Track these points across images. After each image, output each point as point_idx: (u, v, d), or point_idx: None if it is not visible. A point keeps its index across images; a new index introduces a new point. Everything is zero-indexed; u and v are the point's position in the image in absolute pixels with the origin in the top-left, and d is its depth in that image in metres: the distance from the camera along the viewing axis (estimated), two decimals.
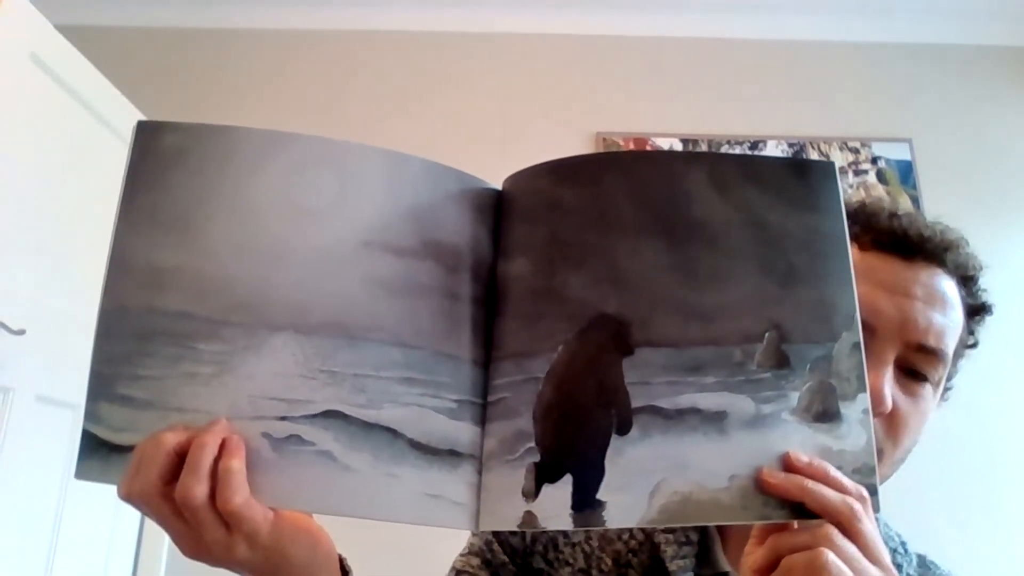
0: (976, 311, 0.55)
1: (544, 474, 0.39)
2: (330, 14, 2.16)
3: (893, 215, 0.55)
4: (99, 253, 0.45)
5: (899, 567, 0.55)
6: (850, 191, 2.04)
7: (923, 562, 0.59)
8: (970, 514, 1.77)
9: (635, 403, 0.39)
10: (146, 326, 0.42)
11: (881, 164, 2.07)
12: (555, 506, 0.38)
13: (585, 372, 0.40)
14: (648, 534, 0.57)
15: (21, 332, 1.31)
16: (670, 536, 0.55)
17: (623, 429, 0.39)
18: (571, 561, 0.58)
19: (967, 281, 0.55)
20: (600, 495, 0.38)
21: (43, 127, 1.43)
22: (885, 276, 0.52)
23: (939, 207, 2.02)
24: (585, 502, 0.38)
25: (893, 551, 0.56)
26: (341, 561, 0.49)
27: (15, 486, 1.35)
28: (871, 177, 2.06)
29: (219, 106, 2.09)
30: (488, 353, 0.43)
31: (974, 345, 0.56)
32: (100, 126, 1.60)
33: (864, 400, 0.40)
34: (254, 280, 0.43)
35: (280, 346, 0.42)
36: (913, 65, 2.18)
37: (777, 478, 0.38)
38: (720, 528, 0.57)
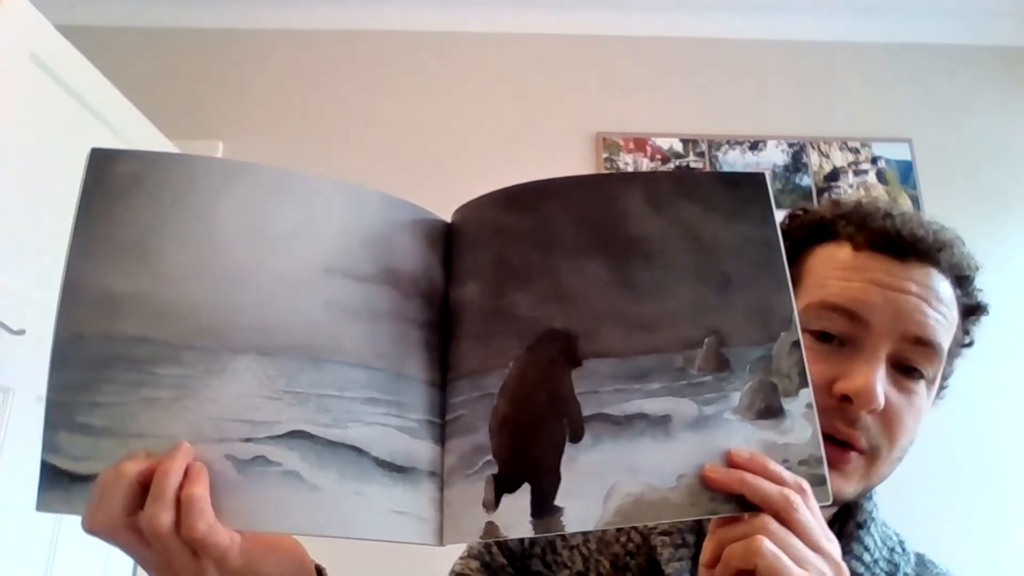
0: (971, 311, 0.56)
1: (503, 485, 0.41)
2: (330, 14, 2.16)
3: (887, 215, 0.56)
4: None
5: (897, 566, 0.55)
6: (850, 191, 2.04)
7: (921, 560, 0.59)
8: (970, 515, 1.77)
9: (586, 412, 0.41)
10: (103, 353, 0.42)
11: (881, 164, 2.07)
12: (515, 515, 0.40)
13: (537, 385, 0.42)
14: (645, 536, 0.57)
15: (21, 332, 1.31)
16: (666, 538, 0.55)
17: (576, 437, 0.41)
18: (569, 564, 0.58)
19: (962, 281, 0.55)
20: (558, 501, 0.40)
21: (43, 127, 1.43)
22: (879, 274, 0.53)
23: (939, 207, 2.02)
24: (543, 509, 0.40)
25: (891, 550, 0.56)
26: (319, 570, 0.49)
27: (15, 486, 1.35)
28: (871, 177, 2.06)
29: (219, 106, 2.09)
30: (444, 374, 0.45)
31: (969, 344, 0.57)
32: (100, 126, 1.60)
33: (807, 395, 0.42)
34: (215, 304, 0.43)
35: (243, 368, 0.42)
36: (913, 65, 2.18)
37: (719, 473, 0.40)
38: None
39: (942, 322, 0.52)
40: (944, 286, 0.54)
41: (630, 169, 2.04)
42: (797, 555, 0.38)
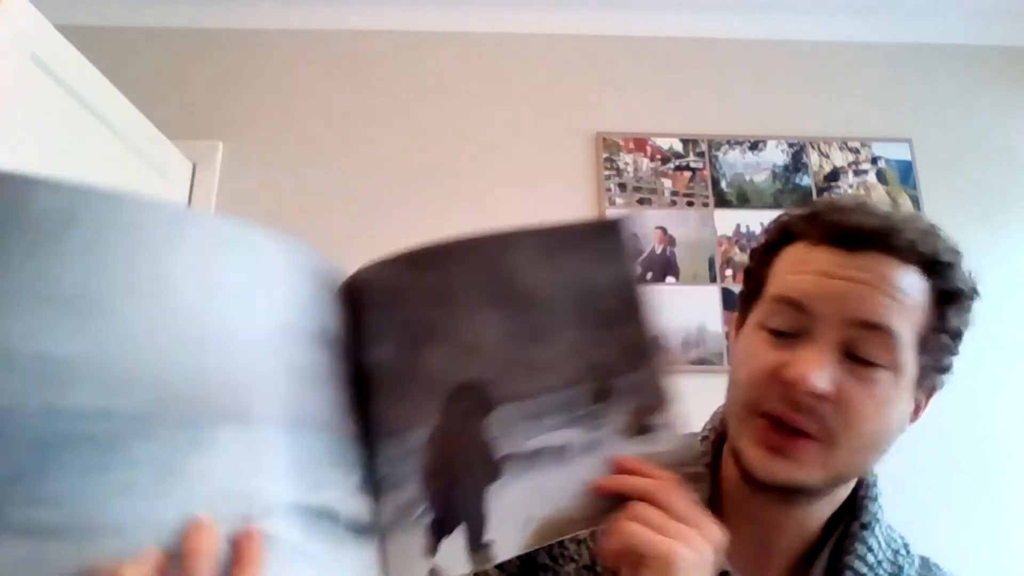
0: (949, 296, 0.54)
1: (440, 530, 0.44)
2: (331, 14, 2.16)
3: (840, 209, 0.56)
4: None
5: (901, 568, 0.56)
6: (850, 191, 2.04)
7: (926, 564, 0.59)
8: (970, 515, 1.77)
9: (502, 452, 0.46)
10: (47, 431, 0.33)
11: (881, 164, 2.07)
12: (453, 555, 0.44)
13: (458, 435, 0.46)
14: None
15: None
16: None
17: (496, 476, 0.45)
18: (576, 557, 0.59)
19: (934, 266, 0.54)
20: (487, 536, 0.44)
21: (43, 127, 1.43)
22: (826, 265, 0.54)
23: (939, 207, 2.03)
24: (477, 545, 0.44)
25: (896, 552, 0.56)
26: None
27: None
28: (871, 177, 2.06)
29: (219, 106, 2.09)
30: (367, 432, 0.47)
31: (957, 333, 0.55)
32: (100, 126, 1.60)
33: (674, 409, 0.48)
34: (183, 368, 0.38)
35: (227, 439, 0.38)
36: (913, 65, 2.18)
37: (603, 481, 0.46)
38: (721, 527, 0.58)
39: (893, 306, 0.51)
40: (900, 272, 0.53)
41: (630, 169, 2.04)
42: (659, 525, 0.43)
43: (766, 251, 0.60)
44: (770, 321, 0.55)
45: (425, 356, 0.46)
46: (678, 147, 2.07)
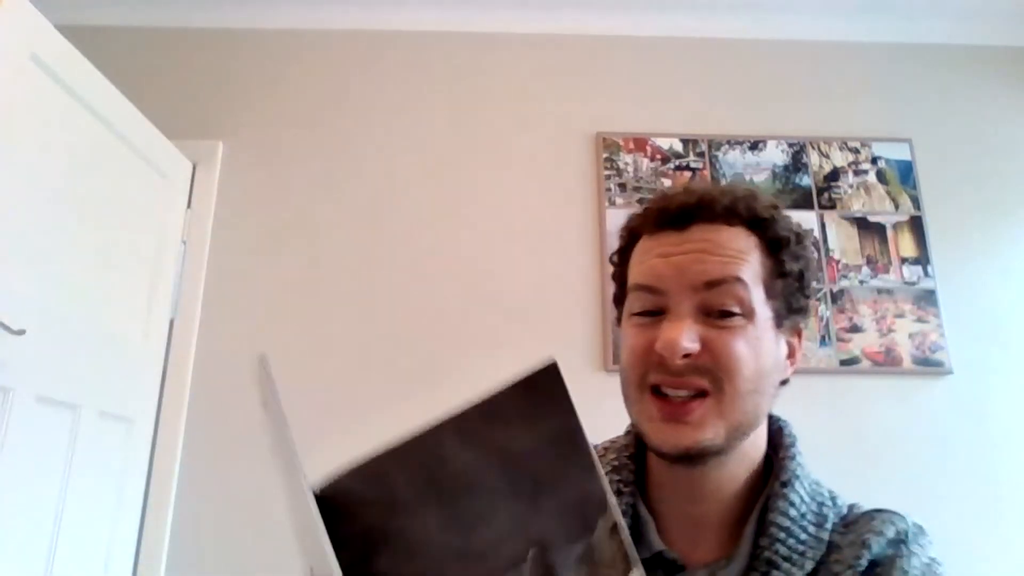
0: (778, 244, 0.60)
1: None
2: (331, 14, 2.16)
3: (665, 198, 0.62)
4: (99, 253, 0.44)
5: (825, 517, 0.58)
6: (850, 191, 2.05)
7: (852, 509, 0.62)
8: (970, 513, 1.77)
9: None
10: None
11: (881, 164, 2.07)
12: None
13: None
14: None
15: (21, 332, 1.31)
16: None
17: None
18: None
19: (757, 222, 0.60)
20: None
21: (43, 127, 1.43)
22: (665, 247, 0.60)
23: (939, 207, 2.03)
24: None
25: (820, 503, 0.59)
26: None
27: (15, 486, 1.35)
28: (871, 177, 2.06)
29: (219, 106, 2.09)
30: None
31: (799, 275, 0.61)
32: (100, 126, 1.60)
33: (637, 573, 0.44)
34: None
35: None
36: (913, 65, 2.18)
37: None
38: (653, 510, 0.62)
39: (728, 262, 0.57)
40: (728, 233, 0.59)
41: (630, 169, 2.04)
42: None
43: (621, 254, 0.66)
44: (634, 308, 0.61)
45: (377, 563, 0.45)
46: (678, 147, 2.07)
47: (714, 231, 0.59)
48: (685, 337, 0.55)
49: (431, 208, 2.00)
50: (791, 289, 0.60)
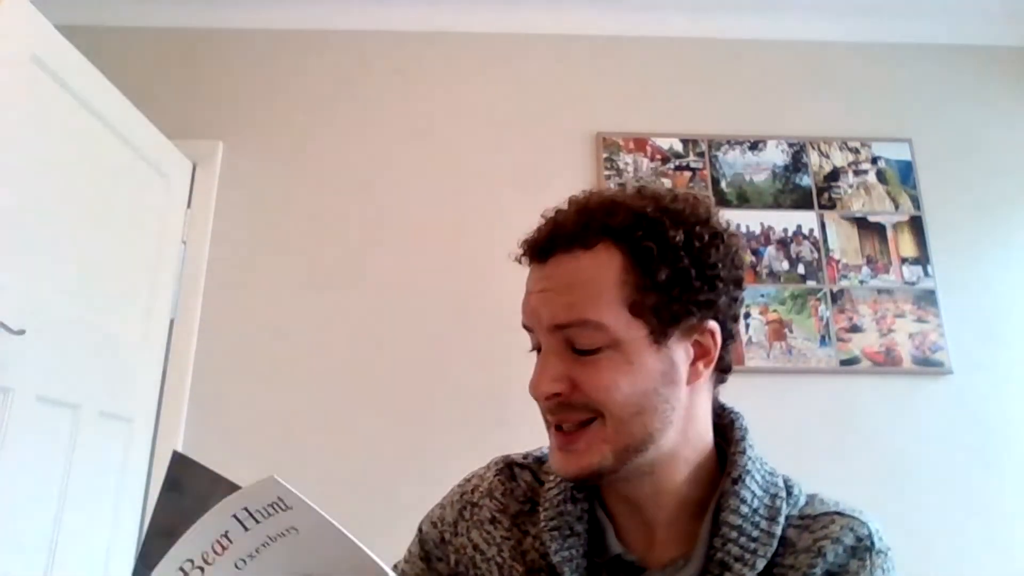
0: (650, 252, 0.55)
1: None
2: (331, 14, 2.16)
3: (539, 225, 0.60)
4: (99, 253, 0.44)
5: (778, 510, 0.58)
6: (850, 191, 2.04)
7: (811, 501, 0.61)
8: (974, 516, 1.77)
9: None
10: None
11: (881, 164, 2.07)
12: None
13: None
14: (539, 535, 0.62)
15: (21, 332, 1.31)
16: (555, 532, 0.60)
17: None
18: (488, 574, 0.63)
19: (619, 235, 0.56)
20: None
21: (43, 127, 1.43)
22: (530, 283, 0.60)
23: (939, 207, 2.03)
24: None
25: (773, 496, 0.59)
26: None
27: (15, 486, 1.35)
28: (871, 177, 2.06)
29: (219, 106, 2.09)
30: None
31: (680, 277, 0.56)
32: (100, 126, 1.60)
33: None
34: None
35: None
36: (913, 65, 2.18)
37: None
38: (612, 514, 0.62)
39: (575, 302, 0.55)
40: (585, 260, 0.56)
41: (631, 170, 2.04)
42: None
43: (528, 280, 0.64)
44: (530, 344, 0.61)
45: None
46: (678, 147, 2.07)
47: (570, 260, 0.56)
48: (545, 381, 0.56)
49: (431, 207, 2.00)
50: (668, 299, 0.55)
